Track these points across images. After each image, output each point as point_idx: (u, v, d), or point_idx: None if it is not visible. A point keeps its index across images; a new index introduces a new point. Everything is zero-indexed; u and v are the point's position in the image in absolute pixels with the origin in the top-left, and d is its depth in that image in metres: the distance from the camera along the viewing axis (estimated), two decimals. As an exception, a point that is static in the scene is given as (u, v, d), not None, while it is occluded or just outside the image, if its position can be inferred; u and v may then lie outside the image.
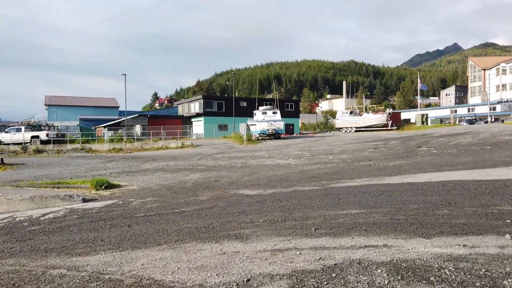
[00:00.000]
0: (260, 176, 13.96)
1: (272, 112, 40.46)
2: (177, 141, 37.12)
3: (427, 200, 7.28)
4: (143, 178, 15.39)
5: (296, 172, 14.65)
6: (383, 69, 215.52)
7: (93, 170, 19.78)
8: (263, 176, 14.00)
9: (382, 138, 33.52)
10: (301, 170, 15.18)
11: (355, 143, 30.54)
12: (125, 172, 18.51)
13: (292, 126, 62.19)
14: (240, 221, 6.48)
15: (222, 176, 14.87)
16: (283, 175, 13.77)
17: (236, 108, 53.60)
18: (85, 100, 72.95)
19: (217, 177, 14.46)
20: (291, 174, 14.06)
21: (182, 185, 12.79)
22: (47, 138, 35.71)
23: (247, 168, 17.77)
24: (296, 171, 14.87)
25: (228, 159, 23.03)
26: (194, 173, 16.35)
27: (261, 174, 14.57)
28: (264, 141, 38.31)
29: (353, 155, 21.32)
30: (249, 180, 12.92)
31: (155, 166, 20.54)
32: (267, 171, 15.54)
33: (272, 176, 13.85)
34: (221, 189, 10.88)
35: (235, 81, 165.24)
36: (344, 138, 38.25)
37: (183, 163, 21.56)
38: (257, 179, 13.19)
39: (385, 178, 11.25)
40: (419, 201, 7.22)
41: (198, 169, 18.36)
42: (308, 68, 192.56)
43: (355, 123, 52.69)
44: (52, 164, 24.11)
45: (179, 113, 61.99)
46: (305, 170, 15.07)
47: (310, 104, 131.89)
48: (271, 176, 13.70)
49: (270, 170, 15.88)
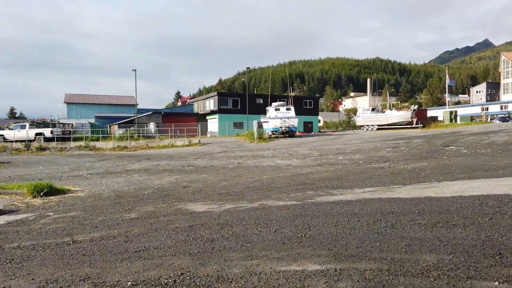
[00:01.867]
0: (241, 181, 11.07)
1: (286, 109, 37.32)
2: (184, 139, 34.65)
3: (456, 240, 4.19)
4: (108, 181, 12.80)
5: (288, 176, 11.66)
6: (410, 66, 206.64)
7: (75, 170, 17.45)
8: (244, 181, 11.10)
9: (404, 136, 29.95)
10: (296, 174, 12.18)
11: (373, 141, 27.18)
12: (106, 172, 16.05)
13: (310, 124, 58.82)
14: (103, 277, 3.63)
15: (199, 180, 12.08)
16: (269, 180, 10.83)
17: (251, 105, 50.82)
18: (103, 98, 71.93)
19: (192, 182, 11.68)
20: (280, 179, 11.09)
21: (139, 192, 10.07)
22: (52, 135, 33.97)
23: (237, 169, 14.92)
24: (288, 175, 11.87)
25: (227, 159, 20.26)
26: (171, 176, 13.64)
27: (245, 179, 11.68)
28: (277, 139, 35.34)
29: (367, 155, 18.09)
30: (222, 187, 10.06)
31: (141, 167, 18.00)
32: (256, 174, 12.63)
33: (255, 181, 10.94)
34: (172, 201, 8.07)
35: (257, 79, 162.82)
36: (363, 136, 34.83)
37: (174, 163, 18.95)
38: (235, 185, 10.32)
39: (395, 188, 8.13)
40: (441, 242, 4.14)
41: (183, 170, 15.65)
42: (331, 65, 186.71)
43: (377, 121, 48.84)
44: (39, 162, 22.01)
45: (195, 110, 59.73)
46: (301, 174, 12.06)
47: (333, 102, 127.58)
48: (253, 182, 10.80)
49: (260, 173, 12.95)
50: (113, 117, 59.85)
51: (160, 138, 35.90)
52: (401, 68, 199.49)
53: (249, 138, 36.08)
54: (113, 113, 65.50)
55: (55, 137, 33.83)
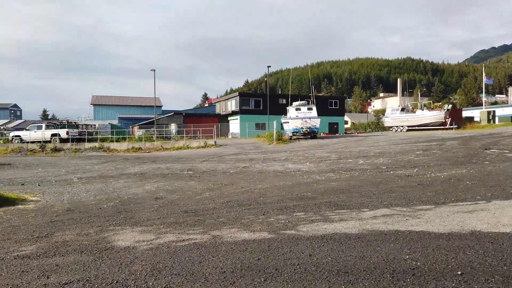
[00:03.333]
0: (227, 192, 8.80)
1: (307, 108, 34.66)
2: (200, 141, 32.76)
3: None
4: (81, 189, 10.86)
5: (287, 186, 9.28)
6: (443, 66, 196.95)
7: (69, 173, 15.78)
8: (231, 192, 8.82)
9: (437, 138, 26.77)
10: (299, 182, 9.77)
11: (402, 143, 24.25)
12: (98, 176, 14.24)
13: (336, 125, 55.74)
14: None
15: (181, 189, 9.92)
16: (261, 192, 8.50)
17: (274, 105, 48.53)
18: (129, 100, 71.62)
19: (171, 191, 9.54)
20: (276, 189, 8.74)
21: (98, 205, 8.01)
22: (67, 136, 32.93)
23: (236, 175, 12.66)
24: (289, 184, 9.49)
25: (234, 162, 18.06)
26: (158, 183, 11.56)
27: (235, 188, 9.41)
28: (297, 141, 32.83)
29: (393, 159, 15.39)
30: (198, 201, 7.84)
31: (138, 170, 16.09)
32: (251, 183, 10.32)
33: (243, 192, 8.64)
34: (111, 224, 5.88)
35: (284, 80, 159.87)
36: (391, 138, 31.78)
37: (176, 167, 16.95)
38: (216, 197, 8.07)
39: (423, 210, 5.62)
40: None
41: (178, 175, 13.56)
42: (360, 66, 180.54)
43: (407, 121, 45.26)
44: (40, 165, 20.62)
45: (217, 111, 57.99)
46: (305, 183, 9.64)
47: (362, 103, 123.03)
48: (241, 193, 8.51)
49: (258, 181, 10.64)
50: (136, 118, 59.13)
51: (175, 139, 34.20)
52: (434, 67, 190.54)
53: (268, 139, 33.79)
54: (137, 114, 64.91)
55: (70, 138, 32.75)
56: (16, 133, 33.95)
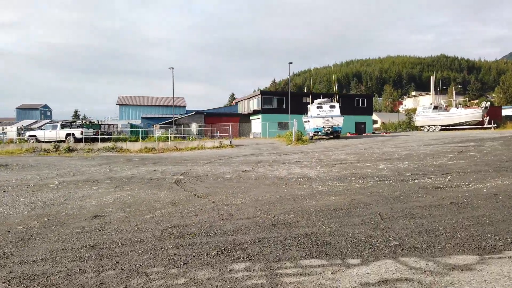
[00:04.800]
0: (187, 210, 6.62)
1: (329, 106, 31.91)
2: (215, 141, 30.83)
3: None
4: (45, 196, 9.00)
5: (271, 201, 6.98)
6: (479, 63, 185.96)
7: (57, 177, 14.12)
8: (194, 210, 6.62)
9: (474, 138, 23.52)
10: (287, 197, 7.43)
11: (433, 144, 21.27)
12: (84, 180, 12.48)
13: (363, 125, 52.32)
14: None
15: (147, 201, 7.85)
16: (229, 211, 6.25)
17: (297, 104, 45.98)
18: (154, 100, 71.00)
19: (132, 204, 7.50)
20: (251, 207, 6.46)
21: (13, 226, 6.04)
22: (82, 136, 31.89)
23: (228, 182, 10.45)
24: (274, 199, 7.18)
25: (239, 165, 15.86)
26: (131, 190, 9.56)
27: (203, 204, 7.21)
28: (319, 141, 30.24)
29: (420, 162, 12.69)
30: (141, 222, 5.71)
31: (132, 173, 14.22)
32: (230, 195, 8.08)
33: (209, 210, 6.43)
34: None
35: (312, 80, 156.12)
36: (422, 138, 28.62)
37: (173, 170, 14.96)
38: (168, 217, 5.92)
39: (461, 271, 3.17)
40: None
41: (165, 180, 11.52)
42: (391, 64, 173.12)
43: (440, 120, 41.53)
44: (38, 166, 19.22)
45: (239, 111, 56.04)
46: (297, 197, 7.30)
47: (393, 102, 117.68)
48: (203, 212, 6.29)
49: (245, 191, 8.38)
50: (159, 118, 58.10)
51: (190, 139, 32.43)
52: (469, 65, 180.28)
53: (287, 139, 31.41)
54: (162, 114, 63.95)
55: (84, 138, 31.67)
56: (32, 133, 33.27)
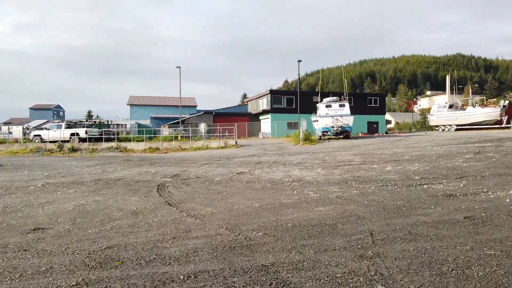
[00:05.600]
0: (144, 222, 5.68)
1: (339, 105, 30.74)
2: (220, 141, 29.96)
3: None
4: (9, 200, 8.19)
5: (247, 211, 6.00)
6: (496, 62, 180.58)
7: (46, 178, 13.42)
8: (158, 221, 5.70)
9: (492, 138, 22.07)
10: (268, 206, 6.43)
11: (448, 144, 19.96)
12: (70, 182, 11.73)
13: (376, 125, 50.77)
14: None
15: (109, 209, 6.96)
16: (187, 227, 5.30)
17: (307, 103, 44.77)
18: (164, 100, 70.62)
19: (90, 213, 6.62)
20: (219, 220, 5.50)
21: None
22: (86, 135, 31.42)
23: (216, 186, 9.50)
24: (252, 208, 6.20)
25: (237, 166, 14.91)
26: (105, 195, 8.70)
27: (168, 214, 6.29)
28: (328, 141, 29.08)
29: (432, 164, 11.50)
30: (69, 243, 4.78)
31: (121, 176, 13.40)
32: (207, 202, 7.14)
33: (165, 224, 5.49)
34: None
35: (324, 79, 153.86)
36: (436, 138, 27.22)
37: (166, 171, 14.10)
38: (106, 234, 5.00)
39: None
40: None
41: (150, 183, 10.64)
42: (406, 63, 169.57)
43: (455, 120, 39.85)
44: (32, 166, 18.62)
45: (248, 110, 55.11)
46: (277, 207, 6.30)
47: (407, 101, 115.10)
48: (157, 227, 5.36)
49: (223, 199, 7.43)
50: (168, 117, 57.60)
51: (195, 139, 31.65)
52: (487, 64, 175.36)
53: (294, 139, 30.33)
54: (172, 114, 63.45)
55: (88, 138, 31.18)
56: (37, 133, 32.98)
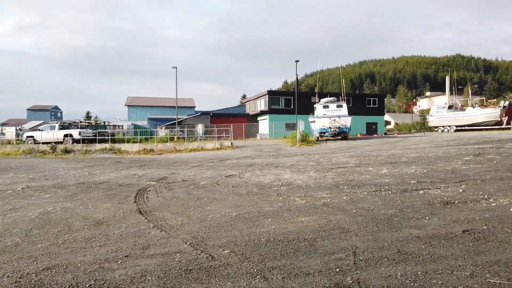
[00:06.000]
0: (104, 234, 5.14)
1: (336, 106, 30.18)
2: (216, 142, 29.42)
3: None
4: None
5: (218, 224, 5.49)
6: (496, 63, 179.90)
7: (28, 181, 12.90)
8: (111, 234, 5.15)
9: (492, 139, 21.54)
10: (244, 215, 5.90)
11: (447, 145, 19.43)
12: (50, 186, 11.21)
13: (375, 126, 50.18)
14: None
15: (65, 219, 6.43)
16: (144, 244, 4.75)
17: (306, 104, 44.08)
18: (162, 101, 70.12)
19: (57, 222, 6.08)
20: (184, 234, 4.97)
21: None
22: (80, 137, 30.87)
23: (198, 190, 8.98)
24: (226, 219, 5.67)
25: (229, 168, 14.37)
26: (75, 202, 8.16)
27: (131, 227, 5.76)
28: (325, 143, 28.55)
29: (430, 167, 10.95)
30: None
31: (105, 179, 12.89)
32: (179, 211, 6.63)
33: (130, 235, 4.94)
34: None
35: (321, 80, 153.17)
36: (435, 139, 26.71)
37: (153, 174, 13.58)
38: (71, 246, 4.44)
39: None
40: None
41: (130, 187, 10.11)
42: (405, 64, 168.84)
43: (455, 121, 39.32)
44: (19, 168, 18.04)
45: (246, 111, 54.56)
46: (254, 217, 5.77)
47: (407, 102, 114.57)
48: (118, 239, 4.81)
49: (198, 207, 6.91)
50: (166, 118, 57.08)
51: (190, 141, 31.08)
52: (486, 65, 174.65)
53: (291, 141, 29.80)
54: (169, 114, 62.95)
55: (81, 139, 30.63)
56: (30, 134, 32.40)
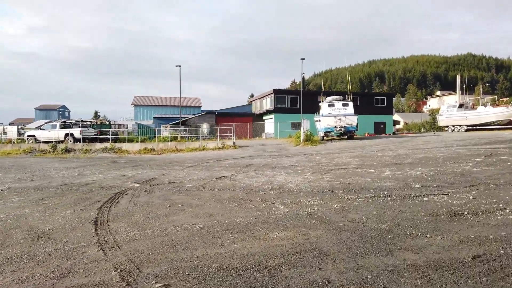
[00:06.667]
0: (31, 253, 4.38)
1: (342, 104, 29.22)
2: (218, 142, 28.69)
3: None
4: None
5: (173, 241, 4.72)
6: (508, 62, 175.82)
7: (14, 182, 12.29)
8: (38, 253, 4.39)
9: (505, 140, 20.43)
10: (210, 228, 5.15)
11: (457, 145, 18.39)
12: (32, 188, 10.59)
13: (383, 125, 48.97)
14: None
15: (25, 227, 5.70)
16: (64, 271, 3.98)
17: (312, 103, 42.99)
18: (168, 100, 69.62)
19: None
20: (118, 258, 4.18)
21: None
22: (81, 136, 30.41)
23: (180, 193, 8.22)
24: (178, 238, 4.90)
25: (223, 169, 13.59)
26: (38, 206, 7.45)
27: (80, 238, 4.98)
28: (330, 142, 27.62)
29: (438, 169, 10.03)
30: None
31: (95, 179, 12.24)
32: (145, 222, 5.86)
33: (60, 254, 4.17)
34: None
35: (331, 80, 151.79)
36: (444, 138, 25.60)
37: (143, 175, 12.88)
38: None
39: None
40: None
41: (115, 187, 9.38)
42: (415, 63, 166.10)
43: (465, 120, 37.98)
44: (10, 168, 17.56)
45: (252, 110, 53.77)
46: (221, 230, 5.01)
47: (416, 102, 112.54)
48: (40, 261, 4.04)
49: (167, 216, 6.14)
50: (171, 118, 56.55)
51: (191, 140, 30.39)
52: (498, 64, 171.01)
53: (295, 140, 28.93)
54: (175, 114, 62.44)
55: (82, 138, 30.16)
56: (31, 133, 32.05)
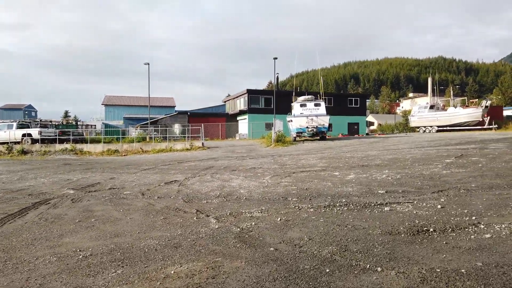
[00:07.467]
0: None
1: (314, 104, 28.50)
2: (186, 143, 27.43)
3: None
4: None
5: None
6: (477, 65, 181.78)
7: None
8: None
9: (474, 140, 20.12)
10: (77, 265, 4.05)
11: (427, 146, 17.89)
12: None
13: (356, 126, 48.77)
14: None
15: None
16: None
17: (286, 104, 42.24)
18: (141, 100, 67.55)
19: None
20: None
21: None
22: (40, 136, 28.48)
23: (107, 204, 7.07)
24: (32, 278, 3.79)
25: (180, 172, 12.41)
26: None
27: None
28: (302, 143, 26.81)
29: (405, 172, 9.23)
30: None
31: (29, 185, 10.83)
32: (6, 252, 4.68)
33: None
34: None
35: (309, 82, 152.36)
36: (416, 139, 25.27)
37: (88, 180, 11.55)
38: None
39: None
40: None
41: (38, 196, 8.12)
42: (389, 66, 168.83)
43: (436, 121, 38.14)
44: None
45: (226, 110, 52.63)
46: (83, 266, 3.91)
47: (390, 103, 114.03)
48: None
49: (59, 236, 5.01)
50: (142, 118, 54.74)
51: (157, 141, 28.98)
52: (467, 67, 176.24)
53: (267, 141, 28.01)
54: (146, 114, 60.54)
55: (40, 139, 28.27)
56: (-16, 134, 29.87)
